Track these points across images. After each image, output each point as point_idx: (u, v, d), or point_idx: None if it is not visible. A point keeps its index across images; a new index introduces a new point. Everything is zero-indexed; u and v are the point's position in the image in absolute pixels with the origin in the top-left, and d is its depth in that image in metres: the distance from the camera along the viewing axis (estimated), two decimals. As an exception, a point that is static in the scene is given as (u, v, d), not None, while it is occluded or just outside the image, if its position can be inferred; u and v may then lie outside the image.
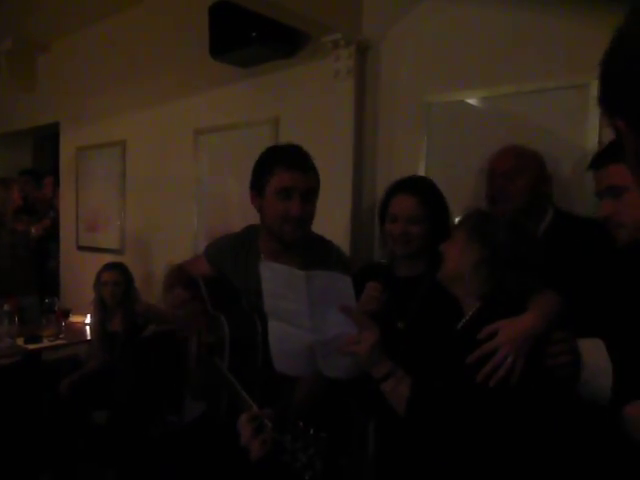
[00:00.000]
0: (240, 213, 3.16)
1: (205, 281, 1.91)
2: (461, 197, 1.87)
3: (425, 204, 1.67)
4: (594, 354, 1.33)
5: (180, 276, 2.00)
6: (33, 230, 4.23)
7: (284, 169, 1.68)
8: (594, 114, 2.03)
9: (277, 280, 1.40)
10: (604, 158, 1.42)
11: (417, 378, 1.32)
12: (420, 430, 1.31)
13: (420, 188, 1.73)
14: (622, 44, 0.63)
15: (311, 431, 1.07)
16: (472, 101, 2.38)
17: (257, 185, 1.75)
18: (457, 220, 1.58)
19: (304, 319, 1.34)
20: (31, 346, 3.24)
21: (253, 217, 1.89)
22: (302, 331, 1.36)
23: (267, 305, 1.44)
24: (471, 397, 1.24)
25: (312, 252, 1.74)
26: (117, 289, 3.11)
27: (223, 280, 1.91)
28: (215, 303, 1.83)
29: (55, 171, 4.81)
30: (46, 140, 5.35)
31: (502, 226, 1.38)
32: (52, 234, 4.61)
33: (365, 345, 1.30)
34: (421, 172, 2.49)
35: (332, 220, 2.71)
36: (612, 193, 1.37)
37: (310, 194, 1.74)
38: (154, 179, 3.83)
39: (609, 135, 1.93)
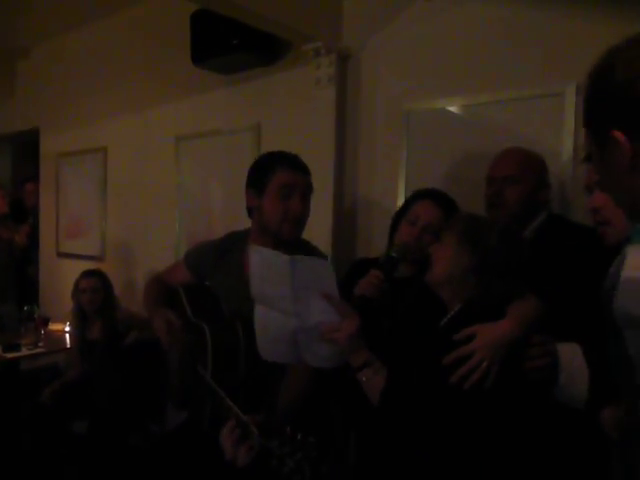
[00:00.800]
0: (222, 219, 3.17)
1: (185, 289, 1.91)
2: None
3: (447, 220, 1.68)
4: (571, 358, 1.35)
5: (160, 287, 2.00)
6: (17, 238, 4.17)
7: (287, 168, 1.74)
8: (569, 121, 2.07)
9: (264, 264, 1.42)
10: None
11: (393, 371, 1.34)
12: (391, 421, 1.33)
13: (447, 204, 1.78)
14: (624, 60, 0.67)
15: (298, 436, 1.08)
16: (451, 109, 2.41)
17: (257, 184, 1.77)
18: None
19: (288, 304, 1.37)
20: (9, 355, 3.19)
21: (234, 223, 1.90)
22: (287, 317, 1.39)
23: (253, 289, 1.46)
24: (444, 396, 1.26)
25: (297, 253, 1.76)
26: (96, 296, 3.08)
27: (204, 287, 1.91)
28: (196, 311, 1.82)
29: (35, 177, 4.76)
30: (26, 146, 5.29)
31: (493, 232, 1.39)
32: (32, 241, 4.55)
33: (344, 332, 1.32)
34: (401, 178, 2.52)
35: (314, 224, 2.72)
36: None
37: (308, 194, 1.79)
38: (135, 185, 3.81)
39: (584, 141, 1.96)
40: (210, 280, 1.91)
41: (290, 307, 1.37)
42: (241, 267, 1.82)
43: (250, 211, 1.85)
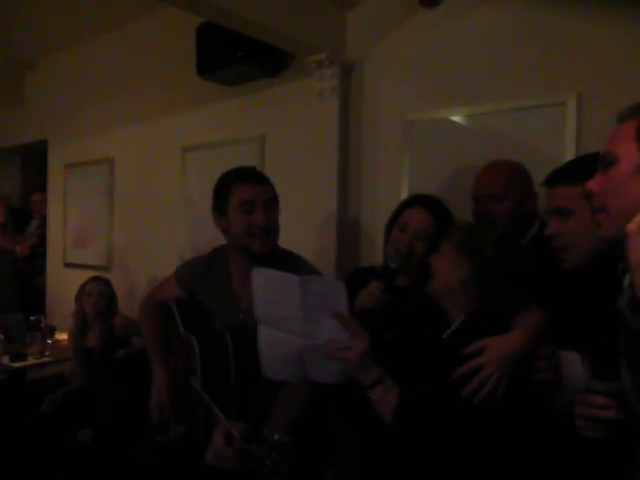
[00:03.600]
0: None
1: (177, 303, 1.94)
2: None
3: (438, 225, 1.71)
4: (571, 367, 1.35)
5: (154, 310, 2.02)
6: (19, 249, 4.21)
7: (242, 184, 1.72)
8: (571, 130, 2.09)
9: (270, 285, 1.41)
10: (557, 178, 1.43)
11: (404, 387, 1.33)
12: (405, 438, 1.32)
13: (437, 209, 1.78)
14: None
15: (275, 436, 1.09)
16: (454, 118, 2.43)
17: (219, 205, 1.77)
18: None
19: (297, 325, 1.36)
20: (16, 364, 3.21)
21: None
22: (294, 336, 1.38)
23: (258, 311, 1.44)
24: (456, 410, 1.26)
25: (281, 267, 1.76)
26: (101, 300, 3.11)
27: (194, 302, 1.93)
28: (187, 325, 1.85)
29: (43, 188, 4.81)
30: (34, 157, 5.35)
31: (491, 241, 1.39)
32: (39, 251, 4.59)
33: (355, 352, 1.32)
34: (404, 187, 2.54)
35: (317, 235, 2.74)
36: (559, 214, 1.40)
37: (271, 204, 1.76)
38: (142, 196, 3.85)
39: (586, 150, 1.99)
40: (200, 295, 1.93)
41: (298, 327, 1.36)
42: (228, 281, 1.84)
43: (223, 233, 1.84)
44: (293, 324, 1.37)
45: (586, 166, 1.18)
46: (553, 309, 1.39)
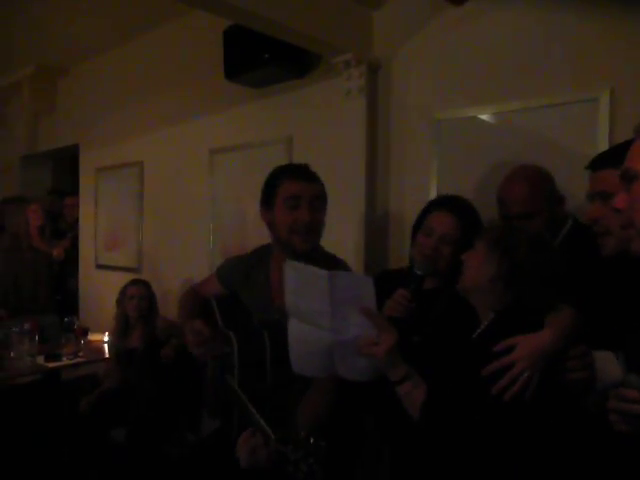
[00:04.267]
0: (255, 231, 3.20)
1: (217, 300, 1.96)
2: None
3: (462, 226, 1.69)
4: (605, 367, 1.33)
5: (194, 299, 2.05)
6: (55, 253, 4.31)
7: (290, 179, 1.76)
8: (604, 127, 2.04)
9: (300, 279, 1.42)
10: (601, 161, 1.42)
11: (433, 383, 1.33)
12: (433, 435, 1.32)
13: (462, 210, 1.75)
14: None
15: (311, 440, 1.09)
16: (483, 117, 2.40)
17: (266, 200, 1.81)
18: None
19: (325, 319, 1.36)
20: (51, 364, 3.29)
21: (267, 235, 1.93)
22: (322, 331, 1.38)
23: (288, 304, 1.45)
24: (485, 407, 1.25)
25: (320, 266, 1.77)
26: (143, 303, 3.17)
27: (234, 299, 1.95)
28: (226, 321, 1.87)
29: (74, 191, 4.91)
30: (66, 161, 5.46)
31: (524, 241, 1.38)
32: (72, 254, 4.69)
33: (383, 347, 1.32)
34: (432, 187, 2.52)
35: (346, 235, 2.74)
36: (602, 197, 1.37)
37: (317, 202, 1.78)
38: (171, 198, 3.90)
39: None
40: (241, 293, 1.95)
41: (327, 322, 1.37)
42: (267, 281, 1.86)
43: (268, 227, 1.87)
44: (321, 319, 1.37)
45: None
46: (587, 308, 1.37)
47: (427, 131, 2.57)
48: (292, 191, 1.73)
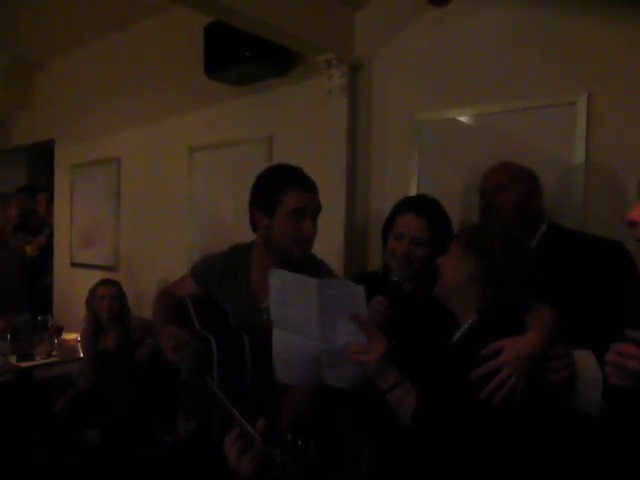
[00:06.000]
0: (234, 230, 3.18)
1: (193, 301, 1.93)
2: (452, 213, 1.89)
3: (432, 227, 1.70)
4: (585, 366, 1.35)
5: (168, 300, 2.02)
6: (28, 249, 4.22)
7: (298, 190, 1.70)
8: (581, 130, 2.07)
9: (287, 288, 1.41)
10: None
11: (423, 390, 1.33)
12: (424, 440, 1.32)
13: (429, 210, 1.75)
14: None
15: (299, 443, 1.07)
16: (462, 119, 2.42)
17: (265, 204, 1.73)
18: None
19: (313, 328, 1.35)
20: (23, 364, 3.22)
21: (246, 234, 1.91)
22: (309, 340, 1.37)
23: (274, 313, 1.43)
24: (476, 411, 1.26)
25: (306, 270, 1.76)
26: (114, 304, 3.10)
27: (210, 299, 1.92)
28: (203, 322, 1.84)
29: (50, 188, 4.83)
30: (41, 157, 5.37)
31: (498, 239, 1.39)
32: (47, 251, 4.60)
33: (374, 355, 1.32)
34: (412, 188, 2.53)
35: (326, 235, 2.72)
36: None
37: (317, 213, 1.77)
38: (149, 196, 3.85)
39: (596, 151, 1.98)
40: (216, 293, 1.92)
41: (315, 331, 1.36)
42: (248, 281, 1.83)
43: (255, 228, 1.83)
44: (309, 327, 1.36)
45: None
46: (563, 309, 1.39)
47: (407, 132, 2.58)
48: (299, 204, 1.69)
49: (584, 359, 1.37)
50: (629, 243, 1.67)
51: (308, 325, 1.36)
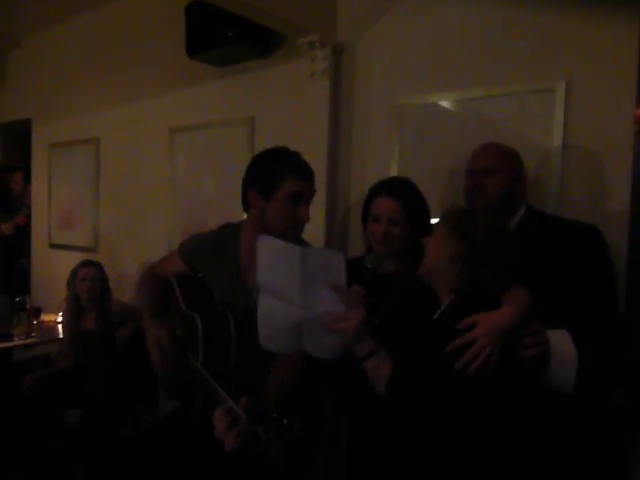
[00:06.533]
0: (215, 211, 3.18)
1: (178, 280, 1.93)
2: (432, 196, 1.91)
3: (406, 207, 1.75)
4: (560, 345, 1.40)
5: (154, 279, 2.02)
6: (4, 228, 4.17)
7: (297, 176, 1.73)
8: (559, 116, 2.11)
9: (272, 254, 1.44)
10: None
11: (399, 359, 1.37)
12: (398, 408, 1.36)
13: (402, 191, 1.80)
14: None
15: (285, 421, 1.10)
16: (443, 104, 2.44)
17: (263, 186, 1.74)
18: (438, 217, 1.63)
19: (295, 294, 1.39)
20: (1, 345, 3.20)
21: (228, 215, 1.91)
22: (292, 307, 1.40)
23: (259, 279, 1.46)
24: (449, 381, 1.30)
25: None
26: (94, 285, 3.09)
27: (196, 278, 1.93)
28: (188, 301, 1.85)
29: (26, 167, 4.75)
30: (17, 136, 5.27)
31: (482, 225, 1.42)
32: (24, 231, 4.54)
33: (351, 323, 1.36)
34: (393, 172, 2.55)
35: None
36: None
37: (312, 198, 1.81)
38: (129, 177, 3.81)
39: (573, 137, 2.02)
40: (204, 272, 1.92)
41: (297, 297, 1.39)
42: (236, 260, 1.84)
43: (247, 207, 1.84)
44: (292, 294, 1.39)
45: None
46: (539, 292, 1.43)
47: (389, 116, 2.59)
48: (298, 189, 1.72)
49: (559, 338, 1.42)
50: (603, 227, 1.73)
51: (290, 291, 1.39)
